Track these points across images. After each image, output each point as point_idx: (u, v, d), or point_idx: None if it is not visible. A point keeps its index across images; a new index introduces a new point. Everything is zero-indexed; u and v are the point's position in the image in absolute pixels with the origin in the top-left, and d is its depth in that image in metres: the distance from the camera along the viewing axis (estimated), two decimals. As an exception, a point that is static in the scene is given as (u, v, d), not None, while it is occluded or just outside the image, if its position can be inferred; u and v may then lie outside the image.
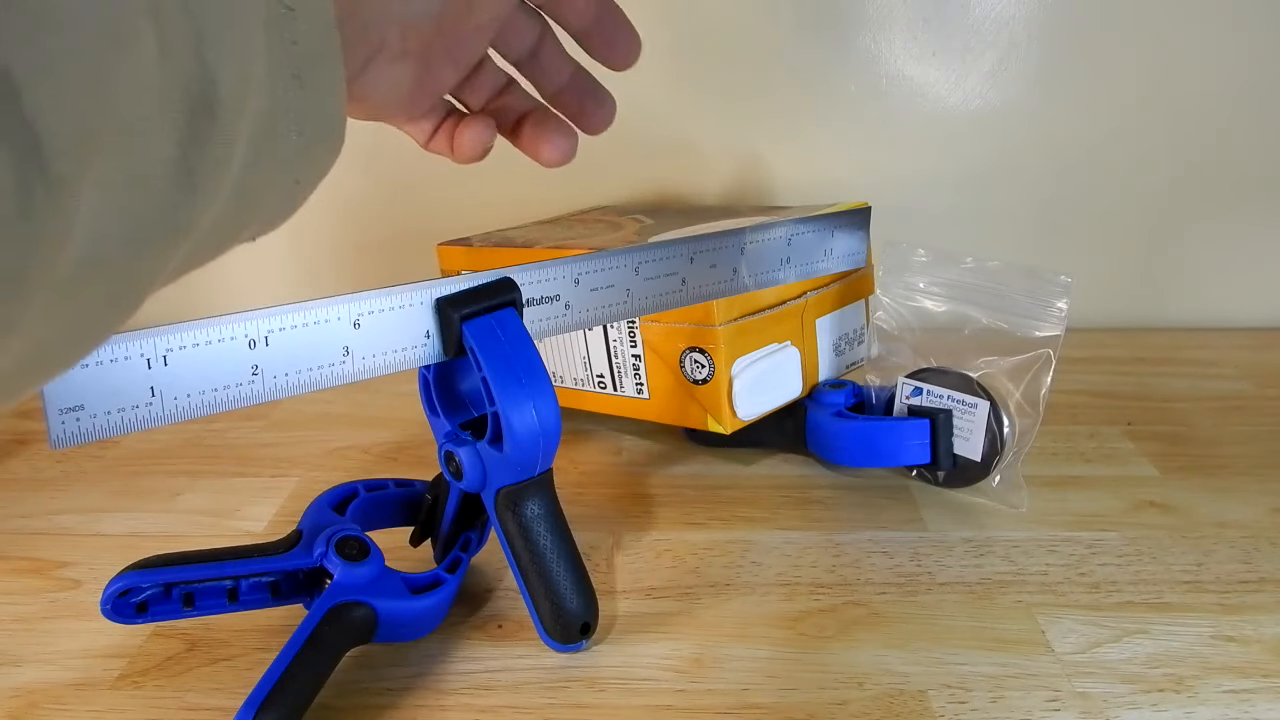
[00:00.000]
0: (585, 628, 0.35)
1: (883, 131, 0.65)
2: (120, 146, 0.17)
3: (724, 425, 0.44)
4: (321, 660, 0.32)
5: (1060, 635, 0.36)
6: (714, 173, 0.67)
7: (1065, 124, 0.65)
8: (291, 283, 0.71)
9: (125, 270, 0.19)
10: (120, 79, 0.17)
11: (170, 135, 0.19)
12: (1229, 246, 0.67)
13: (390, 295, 0.31)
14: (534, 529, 0.34)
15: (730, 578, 0.40)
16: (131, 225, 0.18)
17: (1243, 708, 0.32)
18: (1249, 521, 0.43)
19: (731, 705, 0.33)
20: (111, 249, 0.18)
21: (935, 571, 0.40)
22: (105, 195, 0.17)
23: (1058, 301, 0.43)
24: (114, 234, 0.18)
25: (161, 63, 0.18)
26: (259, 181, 0.23)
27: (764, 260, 0.41)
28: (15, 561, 0.43)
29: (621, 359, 0.46)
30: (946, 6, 0.62)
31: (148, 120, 0.18)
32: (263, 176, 0.23)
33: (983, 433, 0.42)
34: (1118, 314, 0.69)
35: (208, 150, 0.20)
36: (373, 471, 0.51)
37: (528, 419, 0.32)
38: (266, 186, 0.24)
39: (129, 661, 0.36)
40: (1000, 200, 0.67)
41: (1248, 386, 0.59)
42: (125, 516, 0.47)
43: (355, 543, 0.35)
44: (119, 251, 0.18)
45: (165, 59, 0.18)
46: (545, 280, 0.35)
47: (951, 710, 0.32)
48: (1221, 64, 0.63)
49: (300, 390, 0.30)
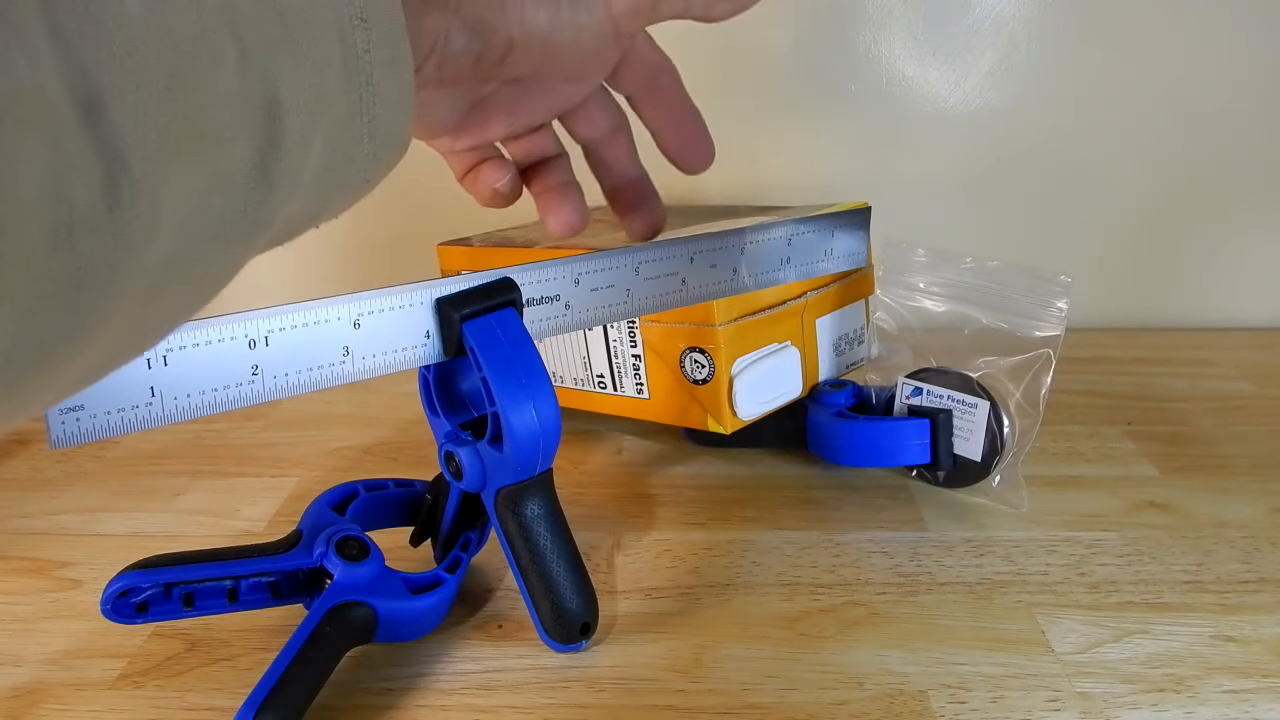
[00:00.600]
0: (585, 628, 0.35)
1: (883, 131, 0.65)
2: (201, 152, 0.19)
3: (724, 425, 0.44)
4: (321, 660, 0.32)
5: (1060, 635, 0.36)
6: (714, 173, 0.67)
7: (1065, 124, 0.65)
8: (291, 283, 0.71)
9: (207, 265, 0.21)
10: (200, 91, 0.18)
11: (249, 141, 0.20)
12: (1229, 246, 0.67)
13: (390, 295, 0.31)
14: (534, 529, 0.34)
15: (730, 578, 0.40)
16: (213, 223, 0.20)
17: (1243, 708, 0.32)
18: (1249, 521, 0.43)
19: (731, 705, 0.33)
20: (195, 245, 0.20)
21: (935, 571, 0.40)
22: (188, 196, 0.19)
23: (1058, 301, 0.43)
24: (197, 231, 0.20)
25: (240, 75, 0.20)
26: (332, 181, 0.25)
27: (764, 260, 0.41)
28: (15, 561, 0.43)
29: (621, 359, 0.46)
30: (946, 6, 0.62)
31: (227, 127, 0.19)
32: (336, 177, 0.25)
33: (983, 433, 0.42)
34: (1118, 314, 0.69)
35: (284, 154, 0.21)
36: (373, 471, 0.51)
37: (528, 419, 0.32)
38: (339, 185, 0.25)
39: (129, 661, 0.36)
40: (1000, 200, 0.67)
41: (1248, 386, 0.59)
42: (125, 516, 0.47)
43: (355, 543, 0.35)
44: (202, 247, 0.20)
45: (244, 72, 0.20)
46: (545, 280, 0.35)
47: (951, 710, 0.32)
48: (1221, 64, 0.63)
49: (300, 390, 0.30)
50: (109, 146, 0.16)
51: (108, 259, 0.17)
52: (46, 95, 0.15)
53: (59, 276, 0.16)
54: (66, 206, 0.15)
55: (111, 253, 0.17)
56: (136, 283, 0.18)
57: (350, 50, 0.23)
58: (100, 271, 0.17)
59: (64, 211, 0.15)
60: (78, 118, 0.16)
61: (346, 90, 0.24)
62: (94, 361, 0.19)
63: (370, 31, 0.24)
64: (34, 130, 0.15)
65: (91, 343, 0.18)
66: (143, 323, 0.20)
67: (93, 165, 0.16)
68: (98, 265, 0.17)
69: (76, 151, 0.16)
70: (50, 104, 0.15)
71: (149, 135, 0.17)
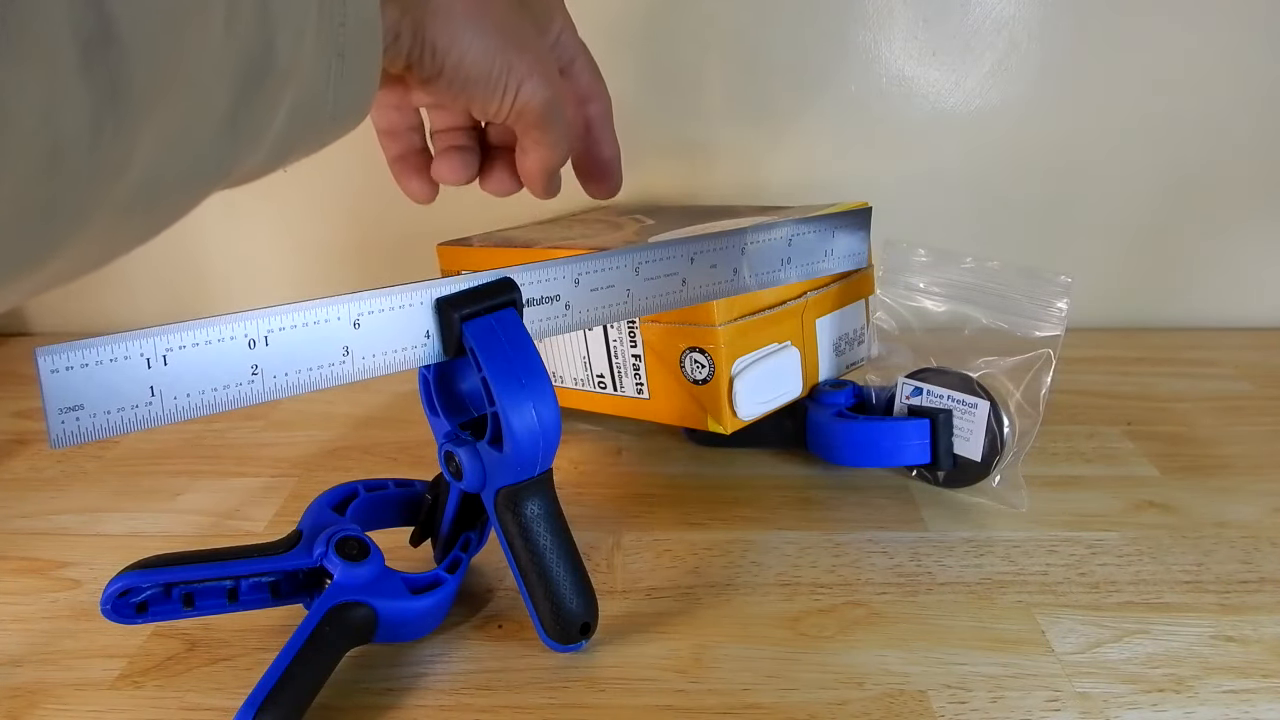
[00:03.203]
0: (585, 628, 0.35)
1: (883, 131, 0.65)
2: (182, 98, 0.20)
3: (724, 425, 0.44)
4: (321, 660, 0.32)
5: (1060, 635, 0.36)
6: (714, 173, 0.67)
7: (1065, 124, 0.65)
8: (291, 283, 0.71)
9: (167, 203, 0.22)
10: (191, 40, 0.19)
11: (225, 94, 0.21)
12: (1229, 247, 0.67)
13: (390, 295, 0.31)
14: (534, 529, 0.34)
15: (730, 578, 0.40)
16: (181, 166, 0.21)
17: (1243, 708, 0.32)
18: (1249, 521, 0.43)
19: (731, 705, 0.33)
20: (161, 184, 0.21)
21: (935, 571, 0.40)
22: (163, 138, 0.20)
23: (1058, 301, 0.43)
24: (165, 172, 0.21)
25: (226, 32, 0.21)
26: (292, 141, 0.26)
27: (765, 260, 0.41)
28: (15, 561, 0.43)
29: (621, 359, 0.46)
30: (946, 6, 0.62)
31: (208, 79, 0.20)
32: (296, 138, 0.26)
33: (983, 433, 0.42)
34: (1118, 314, 0.69)
35: (254, 112, 0.23)
36: (373, 471, 0.51)
37: (528, 419, 0.32)
38: (297, 146, 0.27)
39: (129, 661, 0.36)
40: (1000, 200, 0.67)
41: (1248, 386, 0.59)
42: (125, 516, 0.47)
43: (355, 543, 0.35)
44: (167, 187, 0.21)
45: (230, 30, 0.21)
46: (545, 280, 0.35)
47: (951, 710, 0.32)
48: (1221, 64, 0.63)
49: (300, 390, 0.30)
50: (101, 85, 0.17)
51: (80, 191, 0.18)
52: (50, 31, 0.16)
53: (34, 204, 0.17)
54: (53, 140, 0.16)
55: (85, 185, 0.18)
56: (100, 214, 0.19)
57: (326, 22, 0.24)
58: (70, 202, 0.18)
59: (49, 145, 0.16)
60: (76, 55, 0.16)
61: (318, 57, 0.24)
62: (46, 278, 0.20)
63: (348, 5, 0.25)
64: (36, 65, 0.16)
65: (49, 264, 0.19)
66: (99, 249, 0.21)
67: (83, 103, 0.17)
68: (71, 194, 0.18)
69: (71, 87, 0.16)
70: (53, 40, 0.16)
71: (140, 75, 0.18)
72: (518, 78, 0.34)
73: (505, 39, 0.33)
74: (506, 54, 0.33)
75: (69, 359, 0.26)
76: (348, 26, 0.25)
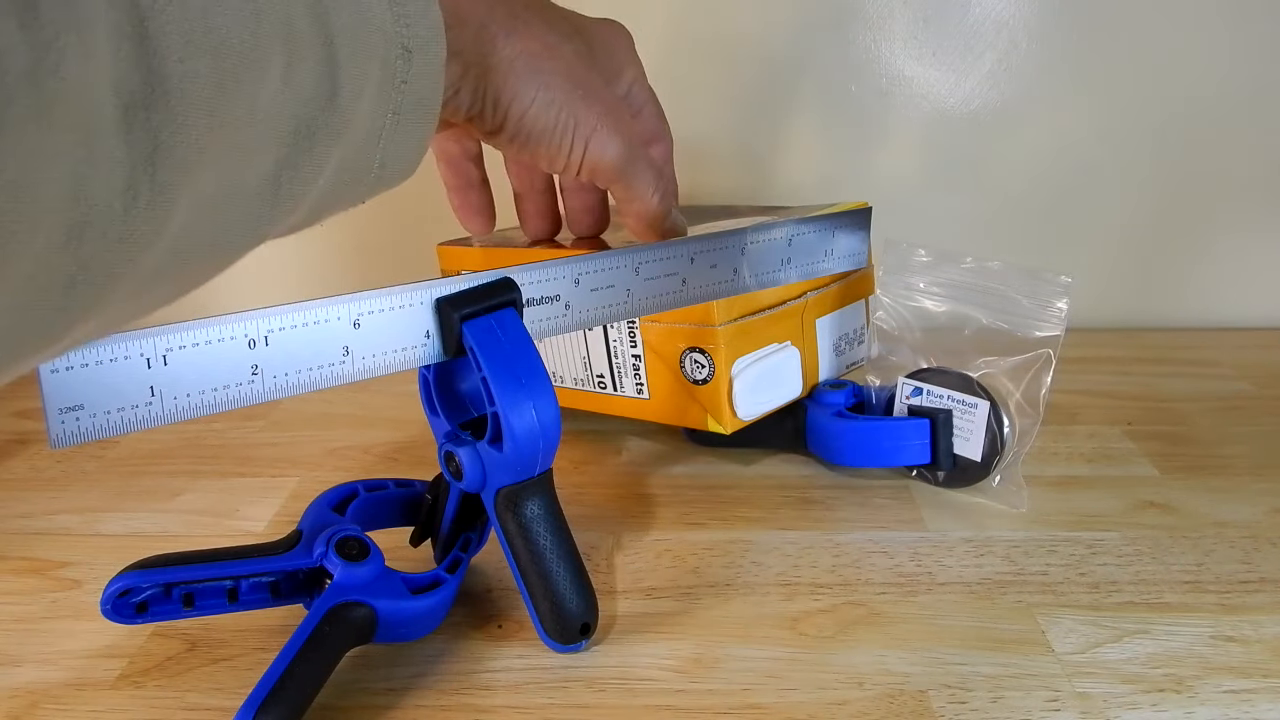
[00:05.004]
0: (585, 628, 0.35)
1: (883, 131, 0.65)
2: (225, 162, 0.18)
3: (724, 425, 0.44)
4: (321, 660, 0.32)
5: (1060, 635, 0.36)
6: (714, 173, 0.67)
7: (1065, 124, 0.65)
8: (292, 283, 0.71)
9: (199, 270, 0.21)
10: (243, 101, 0.18)
11: (272, 156, 0.20)
12: (1229, 246, 0.67)
13: (390, 295, 0.31)
14: (534, 529, 0.34)
15: (730, 578, 0.40)
16: (215, 233, 0.20)
17: (1243, 708, 0.32)
18: (1249, 521, 0.43)
19: (731, 705, 0.33)
20: (193, 252, 0.19)
21: (935, 571, 0.40)
22: (200, 204, 0.18)
23: (1058, 301, 0.43)
24: (199, 239, 0.19)
25: (283, 90, 0.19)
26: (330, 201, 0.24)
27: (765, 260, 0.41)
28: (15, 561, 0.43)
29: (621, 359, 0.46)
30: (946, 6, 0.62)
31: (256, 141, 0.19)
32: (335, 198, 0.24)
33: (983, 433, 0.42)
34: (1118, 314, 0.69)
35: (300, 172, 0.21)
36: (373, 471, 0.51)
37: (527, 419, 0.32)
38: (335, 206, 0.25)
39: (129, 661, 0.36)
40: (1000, 200, 0.67)
41: (1248, 386, 0.59)
42: (125, 516, 0.47)
43: (355, 543, 0.35)
44: (199, 255, 0.20)
45: (287, 86, 0.19)
46: (545, 280, 0.35)
47: (951, 710, 0.32)
48: (1221, 64, 0.63)
49: (300, 390, 0.30)
50: (141, 147, 0.16)
51: (108, 261, 0.16)
52: (92, 94, 0.15)
53: (57, 275, 0.16)
54: (84, 207, 0.15)
55: (113, 255, 0.16)
56: (127, 285, 0.18)
57: (388, 79, 0.23)
58: (97, 273, 0.16)
59: (80, 212, 0.15)
60: (117, 117, 0.15)
61: (373, 117, 0.23)
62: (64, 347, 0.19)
63: (411, 65, 0.24)
64: (71, 129, 0.14)
65: (68, 335, 0.18)
66: (119, 316, 0.20)
67: (119, 165, 0.16)
68: (97, 266, 0.16)
69: (107, 151, 0.15)
70: (93, 102, 0.15)
71: (184, 138, 0.17)
72: (585, 131, 0.33)
73: (570, 92, 0.32)
74: (572, 106, 0.32)
75: (69, 359, 0.26)
76: (410, 84, 0.24)
